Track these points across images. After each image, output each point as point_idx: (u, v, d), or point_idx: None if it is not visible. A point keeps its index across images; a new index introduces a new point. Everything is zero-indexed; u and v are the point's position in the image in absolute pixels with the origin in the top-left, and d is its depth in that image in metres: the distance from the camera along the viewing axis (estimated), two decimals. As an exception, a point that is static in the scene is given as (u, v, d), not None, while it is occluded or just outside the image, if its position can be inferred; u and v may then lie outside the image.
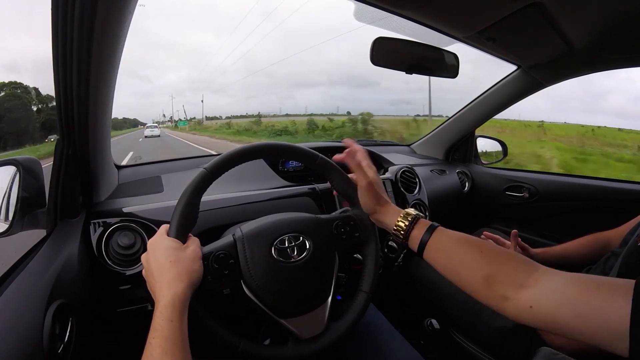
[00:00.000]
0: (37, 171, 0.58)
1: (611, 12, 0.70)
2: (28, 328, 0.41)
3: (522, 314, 0.39)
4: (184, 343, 0.39)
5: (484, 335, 0.84)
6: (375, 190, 0.54)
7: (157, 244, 0.46)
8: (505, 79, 1.18)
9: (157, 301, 0.41)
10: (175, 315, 0.40)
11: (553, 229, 1.23)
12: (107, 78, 0.54)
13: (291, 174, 1.08)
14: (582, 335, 0.33)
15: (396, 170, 1.07)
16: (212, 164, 0.50)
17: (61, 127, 0.56)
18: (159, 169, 0.93)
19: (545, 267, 0.41)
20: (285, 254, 0.51)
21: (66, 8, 0.43)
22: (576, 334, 0.34)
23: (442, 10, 0.69)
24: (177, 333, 0.39)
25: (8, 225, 0.55)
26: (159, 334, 0.38)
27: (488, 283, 0.42)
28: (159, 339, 0.38)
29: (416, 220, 0.51)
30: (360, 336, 0.67)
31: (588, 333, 0.33)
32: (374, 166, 0.57)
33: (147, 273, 0.46)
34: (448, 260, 0.47)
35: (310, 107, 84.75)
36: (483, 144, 1.54)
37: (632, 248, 0.67)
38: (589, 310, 0.33)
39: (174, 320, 0.39)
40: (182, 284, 0.42)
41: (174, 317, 0.39)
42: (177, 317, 0.40)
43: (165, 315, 0.39)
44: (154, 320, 0.40)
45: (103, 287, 0.61)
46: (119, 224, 0.65)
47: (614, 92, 56.87)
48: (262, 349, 0.50)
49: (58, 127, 0.57)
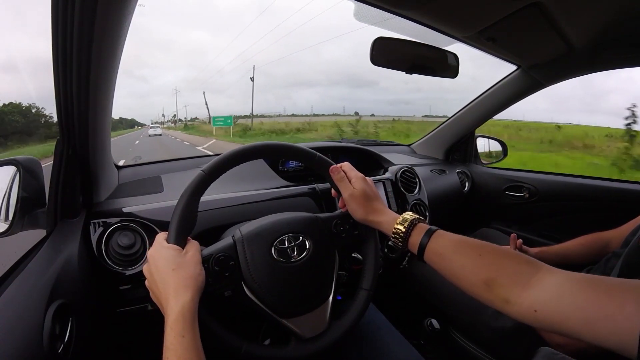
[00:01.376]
0: (37, 171, 0.58)
1: (611, 12, 0.70)
2: (28, 328, 0.41)
3: (526, 318, 0.38)
4: (198, 357, 0.39)
5: (484, 335, 0.84)
6: (362, 201, 0.54)
7: (157, 254, 0.45)
8: (505, 79, 1.18)
9: (166, 315, 0.41)
10: (186, 328, 0.39)
11: (553, 229, 1.23)
12: (107, 78, 0.54)
13: (291, 174, 1.08)
14: (590, 340, 0.33)
15: (396, 170, 1.08)
16: (210, 165, 0.50)
17: (61, 127, 0.56)
18: (158, 169, 0.93)
19: (548, 265, 0.40)
20: (285, 254, 0.51)
21: (66, 8, 0.43)
22: (584, 339, 0.33)
23: (442, 10, 0.69)
24: (190, 348, 0.38)
25: (8, 225, 0.55)
26: (173, 354, 0.37)
27: (489, 287, 0.41)
28: (173, 358, 0.37)
29: (414, 224, 0.50)
30: (360, 336, 0.67)
31: (597, 339, 0.32)
32: (363, 175, 0.57)
33: (150, 284, 0.45)
34: (447, 264, 0.46)
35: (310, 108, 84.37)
36: (483, 144, 1.54)
37: (633, 249, 0.67)
38: (599, 318, 0.32)
39: (185, 335, 0.38)
40: (188, 291, 0.41)
41: (186, 332, 0.39)
42: (189, 330, 0.39)
43: (177, 330, 0.38)
44: (166, 338, 0.39)
45: (103, 287, 0.61)
46: (119, 224, 0.65)
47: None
48: (265, 349, 0.50)
49: (58, 127, 0.57)
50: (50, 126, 37.83)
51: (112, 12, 0.44)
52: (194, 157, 1.05)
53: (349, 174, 0.57)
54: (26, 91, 43.52)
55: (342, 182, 0.56)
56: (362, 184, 0.55)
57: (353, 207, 0.55)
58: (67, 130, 0.57)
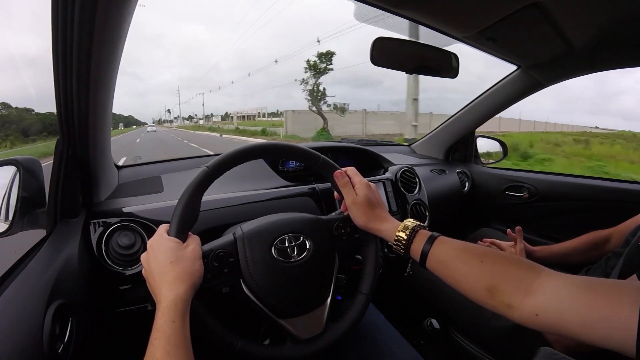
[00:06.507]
0: (37, 171, 0.58)
1: (611, 12, 0.70)
2: (28, 328, 0.41)
3: (528, 322, 0.38)
4: (186, 343, 0.39)
5: (484, 335, 0.84)
6: (365, 209, 0.54)
7: (156, 245, 0.46)
8: (505, 79, 1.18)
9: (159, 302, 0.41)
10: (177, 315, 0.39)
11: (553, 229, 1.23)
12: (107, 78, 0.54)
13: (291, 174, 1.08)
14: (590, 342, 0.33)
15: (396, 170, 1.08)
16: (214, 162, 0.51)
17: (61, 127, 0.56)
18: (158, 169, 0.93)
19: (549, 269, 0.40)
20: (285, 253, 0.51)
21: (66, 8, 0.43)
22: (584, 340, 0.34)
23: (442, 10, 0.69)
24: (179, 333, 0.39)
25: (8, 225, 0.55)
26: (161, 335, 0.38)
27: (491, 293, 0.41)
28: (161, 339, 0.38)
29: (416, 231, 0.50)
30: (360, 336, 0.67)
31: (597, 340, 0.33)
32: (367, 181, 0.56)
33: (147, 274, 0.45)
34: (450, 272, 0.47)
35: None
36: (483, 144, 1.54)
37: (634, 249, 0.68)
38: (597, 320, 0.32)
39: (176, 320, 0.39)
40: (183, 285, 0.42)
41: (176, 318, 0.39)
42: (180, 317, 0.40)
43: (167, 315, 0.39)
44: (156, 321, 0.39)
45: (103, 287, 0.61)
46: (119, 224, 0.65)
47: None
48: (260, 348, 0.50)
49: (58, 127, 0.57)
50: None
51: (112, 12, 0.44)
52: (194, 157, 1.05)
53: (353, 179, 0.56)
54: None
55: (346, 188, 0.56)
56: (365, 191, 0.55)
57: (355, 214, 0.55)
58: (67, 130, 0.57)
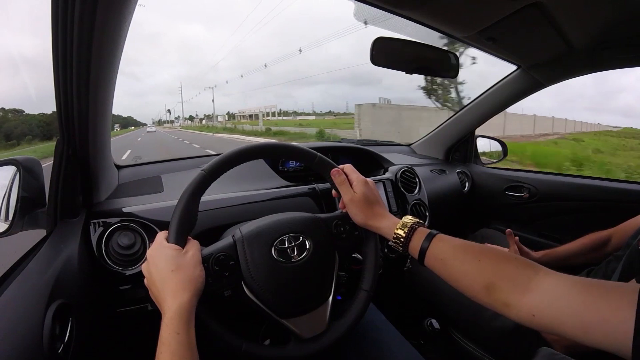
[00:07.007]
0: (37, 171, 0.58)
1: (611, 12, 0.70)
2: (28, 328, 0.41)
3: (526, 321, 0.38)
4: (192, 354, 0.39)
5: (484, 335, 0.84)
6: (362, 206, 0.54)
7: (156, 254, 0.45)
8: (505, 79, 1.18)
9: (163, 313, 0.41)
10: (182, 326, 0.39)
11: (553, 229, 1.23)
12: (107, 78, 0.54)
13: (291, 174, 1.08)
14: (588, 343, 0.33)
15: (396, 170, 1.08)
16: (211, 165, 0.50)
17: (61, 127, 0.56)
18: (159, 169, 0.93)
19: (547, 268, 0.40)
20: (285, 254, 0.51)
21: (66, 8, 0.43)
22: (581, 341, 0.33)
23: (442, 10, 0.69)
24: (184, 345, 0.39)
25: (8, 225, 0.55)
26: (166, 349, 0.38)
27: (488, 291, 0.41)
28: (167, 353, 0.38)
29: (414, 229, 0.50)
30: (360, 336, 0.67)
31: (593, 342, 0.32)
32: (365, 178, 0.56)
33: (149, 284, 0.45)
34: (448, 269, 0.46)
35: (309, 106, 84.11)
36: (483, 144, 1.54)
37: (634, 251, 0.67)
38: (594, 322, 0.32)
39: (180, 332, 0.39)
40: (187, 293, 0.42)
41: (181, 329, 0.39)
42: (184, 328, 0.39)
43: (172, 327, 0.39)
44: (161, 333, 0.39)
45: (103, 287, 0.61)
46: (119, 224, 0.65)
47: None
48: (265, 349, 0.50)
49: (58, 127, 0.57)
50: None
51: (112, 12, 0.44)
52: (194, 157, 1.05)
53: (350, 176, 0.56)
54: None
55: (343, 186, 0.56)
56: (363, 188, 0.55)
57: (353, 212, 0.55)
58: (67, 130, 0.57)
